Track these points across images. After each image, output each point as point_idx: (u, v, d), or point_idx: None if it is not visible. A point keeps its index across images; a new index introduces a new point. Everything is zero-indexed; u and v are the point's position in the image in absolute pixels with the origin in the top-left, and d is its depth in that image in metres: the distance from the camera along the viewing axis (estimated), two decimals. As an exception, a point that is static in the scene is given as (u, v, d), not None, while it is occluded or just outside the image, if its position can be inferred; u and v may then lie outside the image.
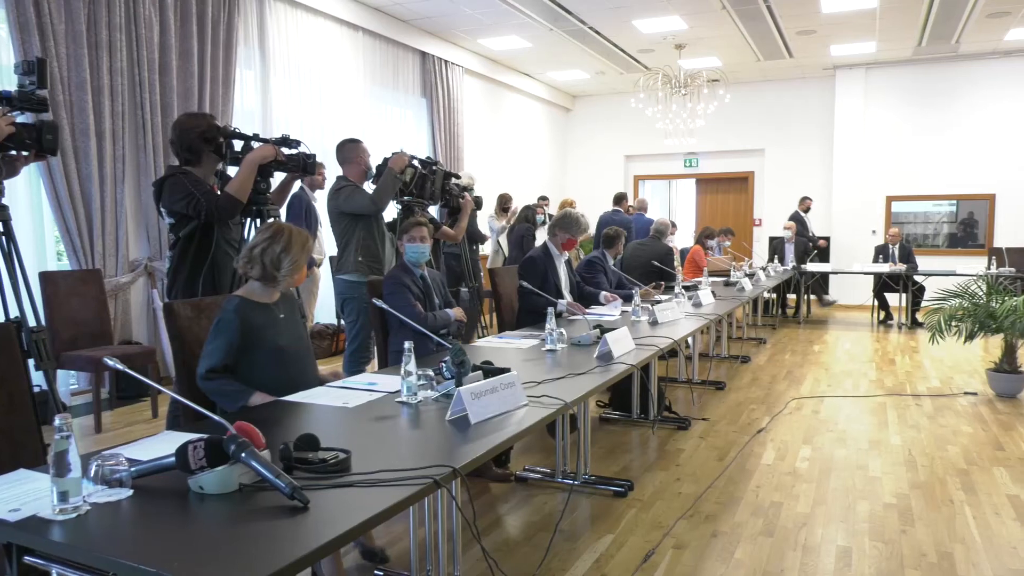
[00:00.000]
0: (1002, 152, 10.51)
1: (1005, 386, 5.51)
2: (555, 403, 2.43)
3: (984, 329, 5.54)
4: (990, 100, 10.54)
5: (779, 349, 7.65)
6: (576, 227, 4.77)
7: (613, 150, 13.00)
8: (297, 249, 2.59)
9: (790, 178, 11.94)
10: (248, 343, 2.48)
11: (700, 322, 4.71)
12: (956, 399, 5.45)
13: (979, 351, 7.12)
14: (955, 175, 10.78)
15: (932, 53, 10.33)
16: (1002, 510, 3.34)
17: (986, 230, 10.79)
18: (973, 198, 10.83)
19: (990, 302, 5.59)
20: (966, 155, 10.71)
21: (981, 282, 5.91)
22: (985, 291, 5.73)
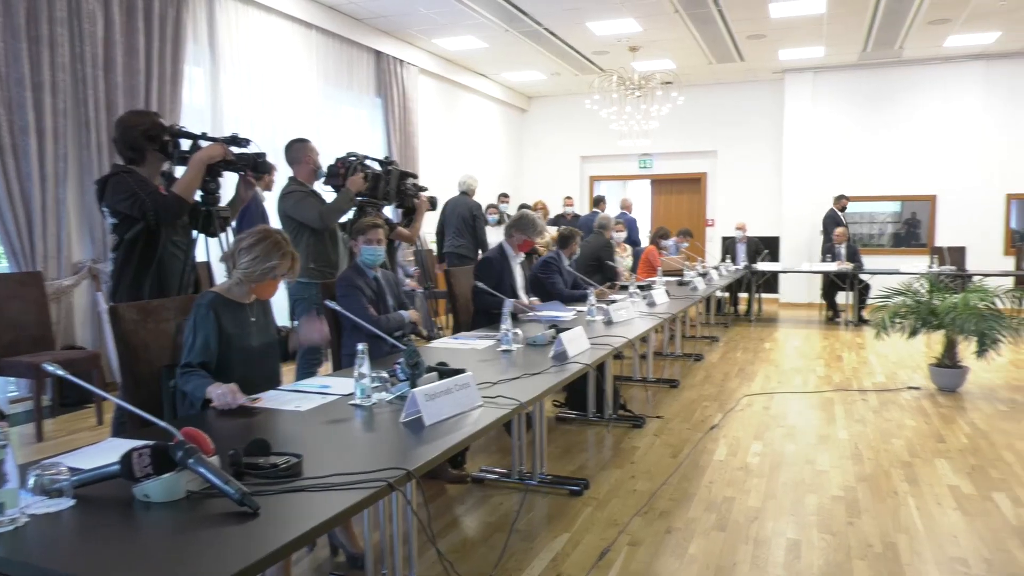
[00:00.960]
0: (943, 155, 10.86)
1: (946, 380, 5.69)
2: (510, 403, 2.43)
3: (926, 326, 5.72)
4: (932, 104, 10.88)
5: (731, 347, 7.79)
6: (532, 229, 4.78)
7: (569, 151, 13.07)
8: (276, 259, 2.55)
9: (742, 179, 12.16)
10: (219, 340, 2.45)
11: (654, 321, 4.77)
12: (900, 394, 5.61)
13: (922, 347, 7.35)
14: (899, 177, 11.11)
15: (877, 58, 10.62)
16: (943, 500, 3.45)
17: (928, 230, 11.13)
18: (916, 199, 11.17)
19: (932, 300, 5.77)
20: (909, 157, 11.04)
21: (923, 280, 6.10)
22: (927, 289, 5.92)
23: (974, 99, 10.63)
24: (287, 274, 2.62)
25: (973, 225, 10.67)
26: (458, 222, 7.88)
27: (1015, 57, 10.38)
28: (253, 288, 2.61)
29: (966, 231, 10.70)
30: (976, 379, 5.96)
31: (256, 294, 2.63)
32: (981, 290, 5.75)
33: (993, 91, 10.56)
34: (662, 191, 13.19)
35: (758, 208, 11.99)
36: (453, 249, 7.76)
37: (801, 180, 11.49)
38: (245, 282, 2.58)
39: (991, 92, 10.57)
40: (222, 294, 2.56)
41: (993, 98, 10.56)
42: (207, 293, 2.54)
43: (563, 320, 4.42)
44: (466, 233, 7.80)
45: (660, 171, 12.88)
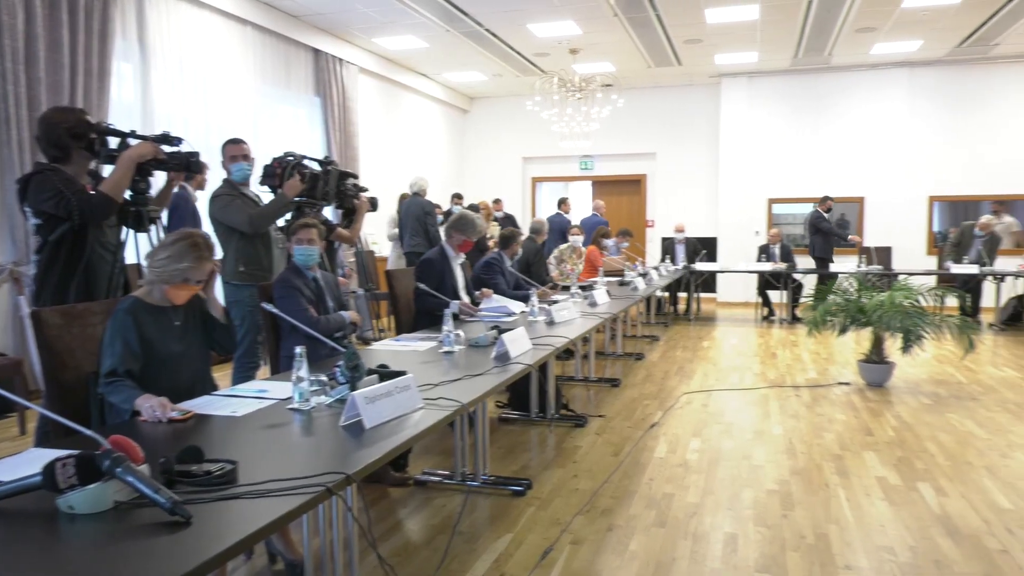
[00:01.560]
0: (871, 158, 11.28)
1: (874, 376, 5.91)
2: (452, 405, 2.43)
3: (855, 323, 5.93)
4: (860, 109, 11.29)
5: (671, 346, 7.93)
6: (472, 229, 4.79)
7: (511, 152, 13.12)
8: (189, 261, 2.47)
9: (681, 181, 12.40)
10: (141, 346, 2.38)
11: (595, 321, 4.82)
12: (831, 389, 5.81)
13: (851, 343, 7.61)
14: (830, 179, 11.46)
15: (808, 64, 10.96)
16: (871, 491, 3.58)
17: (857, 231, 11.55)
18: (846, 200, 11.56)
19: (860, 298, 5.99)
20: (839, 160, 11.42)
21: (852, 280, 6.33)
22: (856, 288, 6.14)
23: (899, 104, 11.07)
24: (207, 263, 2.52)
25: (899, 226, 11.11)
26: (413, 223, 8.12)
27: (936, 65, 10.85)
28: (165, 291, 2.49)
29: (892, 232, 11.13)
30: (902, 374, 6.21)
31: (169, 298, 2.51)
32: (906, 289, 5.99)
33: (917, 97, 11.02)
34: (603, 192, 13.33)
35: (696, 209, 12.24)
36: (411, 248, 7.97)
37: (737, 182, 11.78)
38: (157, 283, 2.48)
39: (915, 98, 11.02)
40: (142, 298, 2.48)
41: (917, 104, 11.02)
42: (127, 298, 2.46)
43: (505, 321, 4.43)
44: (421, 232, 8.01)
45: (601, 172, 13.03)
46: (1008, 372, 6.38)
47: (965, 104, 10.89)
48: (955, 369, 6.51)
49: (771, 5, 8.12)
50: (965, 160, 10.90)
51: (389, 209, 9.15)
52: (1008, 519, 3.23)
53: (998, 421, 4.84)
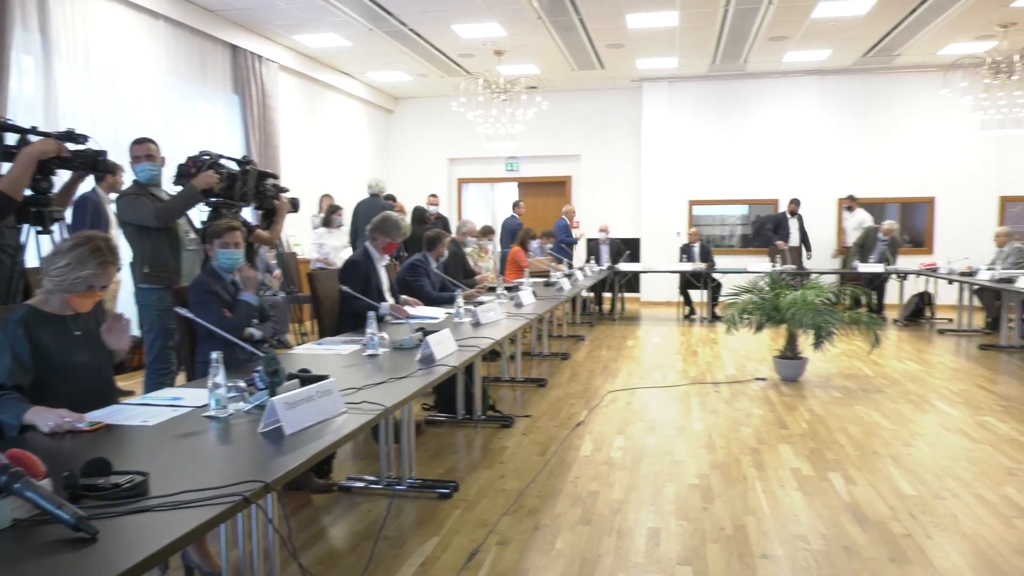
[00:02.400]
0: (783, 161, 11.72)
1: (789, 371, 6.15)
2: (375, 408, 2.40)
3: (771, 320, 6.15)
4: (773, 114, 11.72)
5: (596, 345, 8.05)
6: (396, 231, 4.76)
7: (436, 153, 13.06)
8: (91, 268, 2.34)
9: (604, 183, 12.60)
10: (37, 358, 2.25)
11: (521, 322, 4.85)
12: (749, 385, 6.01)
13: (767, 340, 7.89)
14: (746, 181, 11.88)
15: (725, 70, 11.32)
16: (786, 483, 3.72)
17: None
18: (761, 203, 12.00)
19: (775, 297, 6.22)
20: (755, 164, 11.83)
21: (768, 279, 6.56)
22: (771, 287, 6.37)
23: (811, 110, 11.55)
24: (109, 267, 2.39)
25: (810, 227, 11.57)
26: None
27: (844, 73, 11.36)
28: (67, 299, 2.37)
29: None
30: (814, 369, 6.47)
31: (72, 306, 2.39)
32: (817, 287, 6.26)
33: (827, 104, 11.52)
34: (529, 193, 13.42)
35: (620, 210, 12.46)
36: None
37: (659, 184, 12.06)
38: (56, 292, 2.36)
39: (824, 104, 11.52)
40: (37, 307, 2.35)
41: (826, 110, 11.52)
42: (19, 307, 2.33)
43: (430, 323, 4.41)
44: None
45: (527, 174, 13.11)
46: (910, 365, 6.74)
47: (871, 111, 11.44)
48: (862, 363, 6.83)
49: (689, 12, 8.34)
50: (872, 164, 11.46)
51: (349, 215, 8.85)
52: (911, 505, 3.41)
53: (902, 412, 5.11)
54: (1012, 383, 6.04)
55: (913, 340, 8.25)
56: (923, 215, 11.57)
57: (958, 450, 4.24)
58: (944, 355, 7.35)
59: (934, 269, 9.44)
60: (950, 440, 4.45)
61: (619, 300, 10.73)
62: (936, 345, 7.97)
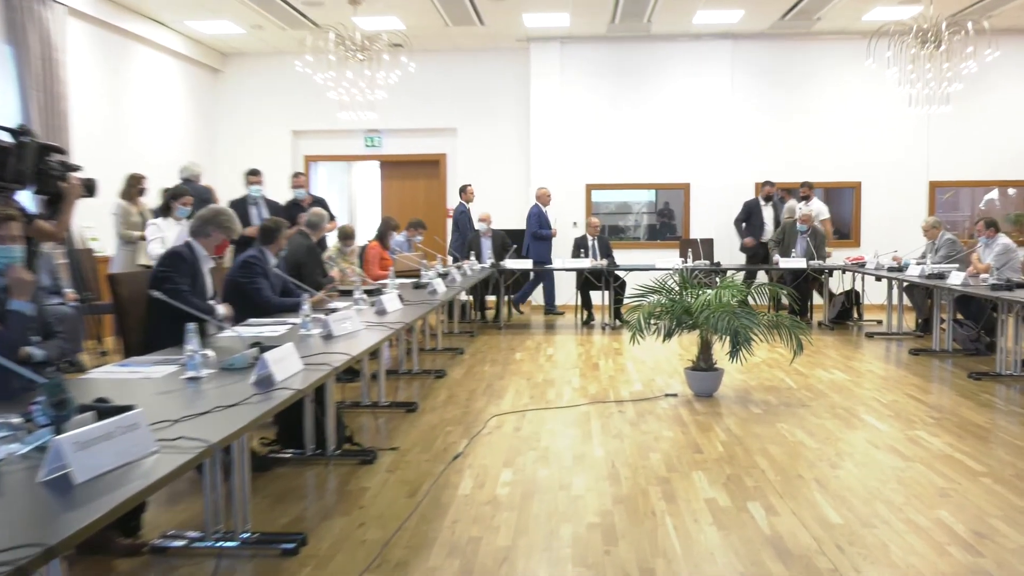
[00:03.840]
0: (695, 139, 12.23)
1: (702, 384, 6.40)
2: (197, 446, 2.33)
3: (681, 326, 6.39)
4: (682, 83, 12.21)
5: (478, 360, 8.10)
6: (232, 225, 4.66)
7: (277, 124, 12.75)
8: None
9: (486, 163, 12.69)
10: None
11: (385, 333, 4.81)
12: (657, 402, 6.21)
13: (678, 349, 8.19)
14: (652, 162, 12.31)
15: (626, 31, 11.68)
16: (700, 516, 3.87)
17: (682, 221, 12.47)
18: (670, 187, 12.46)
19: (685, 297, 6.46)
20: (662, 142, 12.28)
21: (676, 276, 6.80)
22: (681, 286, 6.61)
23: (722, 81, 12.11)
24: None
25: (725, 216, 12.08)
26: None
27: (760, 39, 12.00)
28: None
29: (717, 222, 12.08)
30: (731, 381, 6.77)
31: None
32: (733, 286, 6.55)
33: (740, 72, 12.12)
34: (394, 174, 13.37)
35: (505, 197, 12.57)
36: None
37: (551, 165, 12.29)
38: None
39: (738, 75, 12.11)
40: None
41: (740, 80, 12.11)
42: None
43: (269, 336, 4.30)
44: None
45: (391, 151, 13.05)
46: (837, 375, 7.18)
47: (790, 82, 12.14)
48: (785, 373, 7.21)
49: (584, -40, 8.55)
50: (792, 143, 12.15)
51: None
52: (838, 535, 3.63)
53: (828, 429, 5.43)
54: (944, 392, 6.55)
55: (840, 345, 8.79)
56: (849, 202, 12.36)
57: (888, 470, 4.55)
58: (873, 362, 7.87)
59: (861, 264, 10.08)
60: (880, 459, 4.76)
61: (505, 304, 10.85)
62: (864, 350, 8.53)
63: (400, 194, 13.29)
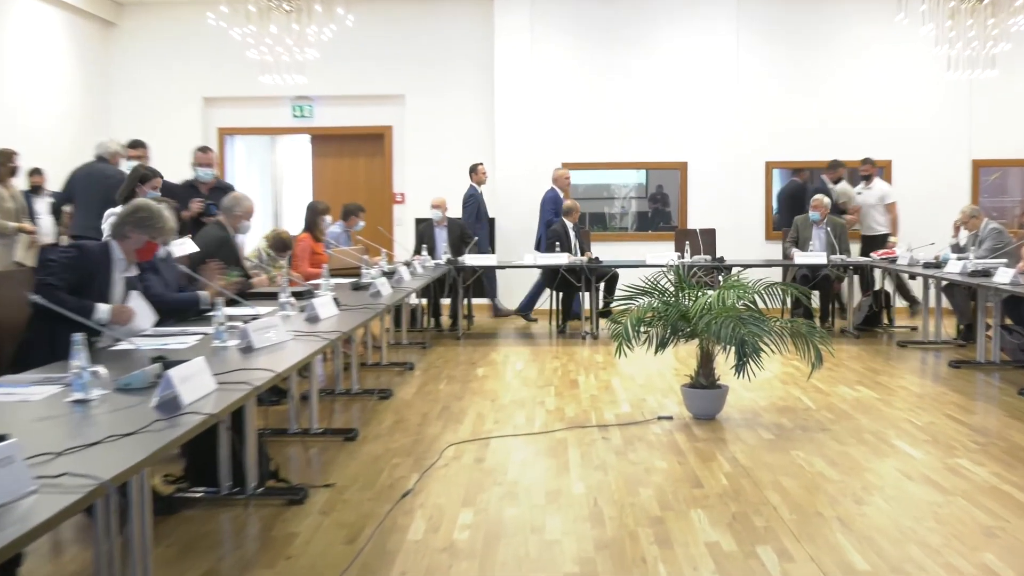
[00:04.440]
0: (694, 109, 12.32)
1: (702, 405, 6.44)
2: (85, 484, 2.30)
3: (677, 334, 6.42)
4: (679, 43, 12.30)
5: (432, 376, 8.09)
6: (161, 224, 4.70)
7: (185, 90, 12.65)
8: None
9: (440, 137, 12.68)
10: None
11: (317, 344, 4.78)
12: (649, 426, 6.24)
13: (673, 362, 8.24)
14: (642, 137, 12.38)
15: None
16: (700, 563, 3.90)
17: (678, 208, 12.54)
18: (663, 167, 12.53)
19: (682, 299, 6.50)
20: (654, 112, 12.36)
21: (671, 274, 6.83)
22: (675, 285, 6.64)
23: (727, 39, 12.22)
24: None
25: (728, 201, 12.17)
26: (88, 200, 7.71)
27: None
28: None
29: (719, 209, 12.19)
30: (737, 400, 6.82)
31: None
32: (739, 286, 6.59)
33: (747, 32, 12.24)
34: (328, 151, 13.30)
35: (464, 179, 12.54)
36: (83, 233, 7.29)
37: (519, 140, 12.33)
38: None
39: (745, 32, 12.23)
40: None
41: (748, 40, 12.23)
42: None
43: (174, 348, 4.26)
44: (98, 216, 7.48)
45: (324, 122, 12.98)
46: (863, 392, 7.25)
47: (805, 43, 12.29)
48: (801, 391, 7.27)
49: None
50: (808, 115, 12.28)
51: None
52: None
53: (852, 457, 5.49)
54: (991, 412, 6.65)
55: (866, 357, 8.88)
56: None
57: (924, 506, 4.61)
58: (906, 376, 7.97)
59: (892, 259, 10.18)
60: (914, 493, 4.82)
61: (464, 308, 10.83)
62: (896, 362, 8.64)
63: (336, 175, 13.22)
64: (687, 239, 10.60)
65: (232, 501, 4.69)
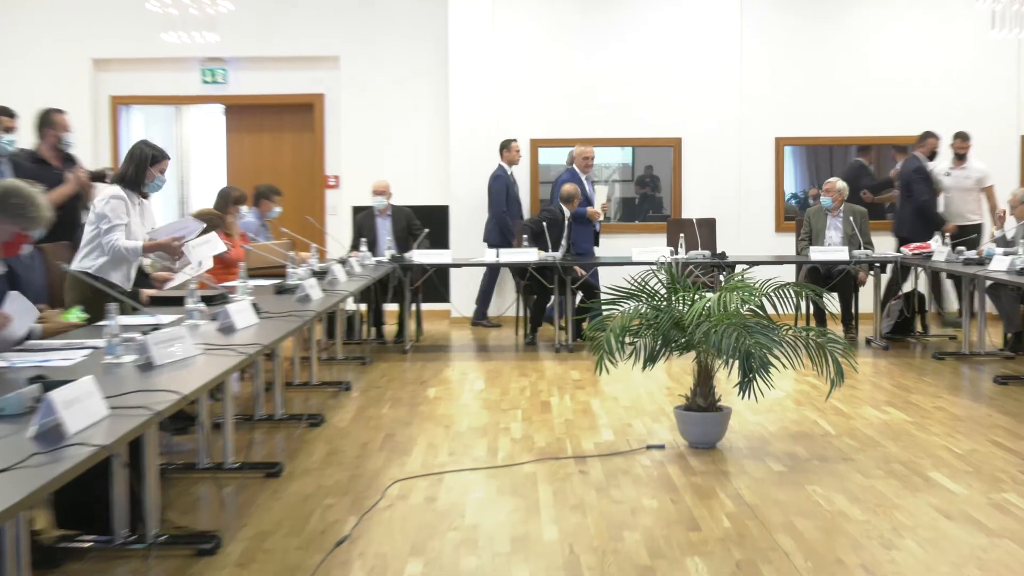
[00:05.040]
0: (691, 74, 12.37)
1: (700, 431, 6.45)
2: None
3: (670, 346, 6.42)
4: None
5: (373, 398, 8.06)
6: (31, 211, 4.68)
7: (70, 49, 12.52)
8: None
9: (383, 109, 12.66)
10: None
11: (233, 360, 4.75)
12: (636, 457, 6.25)
13: (666, 379, 8.25)
14: (628, 108, 12.39)
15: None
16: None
17: (671, 193, 12.55)
18: (653, 144, 12.53)
19: (675, 304, 6.50)
20: (642, 80, 12.40)
21: (662, 273, 6.83)
22: (667, 287, 6.65)
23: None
24: None
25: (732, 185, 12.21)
26: None
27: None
28: None
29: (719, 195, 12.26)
30: (742, 425, 6.86)
31: None
32: (744, 287, 6.61)
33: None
34: (246, 125, 13.22)
35: (412, 159, 12.55)
36: None
37: (479, 112, 12.32)
38: None
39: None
40: None
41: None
42: None
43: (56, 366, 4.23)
44: None
45: (241, 90, 12.91)
46: (893, 414, 7.31)
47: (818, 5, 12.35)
48: (819, 413, 7.31)
49: None
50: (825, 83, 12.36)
51: None
52: (894, 645, 3.70)
53: (879, 492, 5.52)
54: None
55: (897, 371, 8.96)
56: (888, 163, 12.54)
57: (965, 549, 4.63)
58: (944, 395, 8.03)
59: (928, 254, 10.23)
60: (953, 534, 4.85)
61: (412, 316, 10.81)
62: (932, 378, 8.71)
63: (255, 154, 13.13)
64: (681, 231, 10.65)
65: (128, 552, 4.64)
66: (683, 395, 6.66)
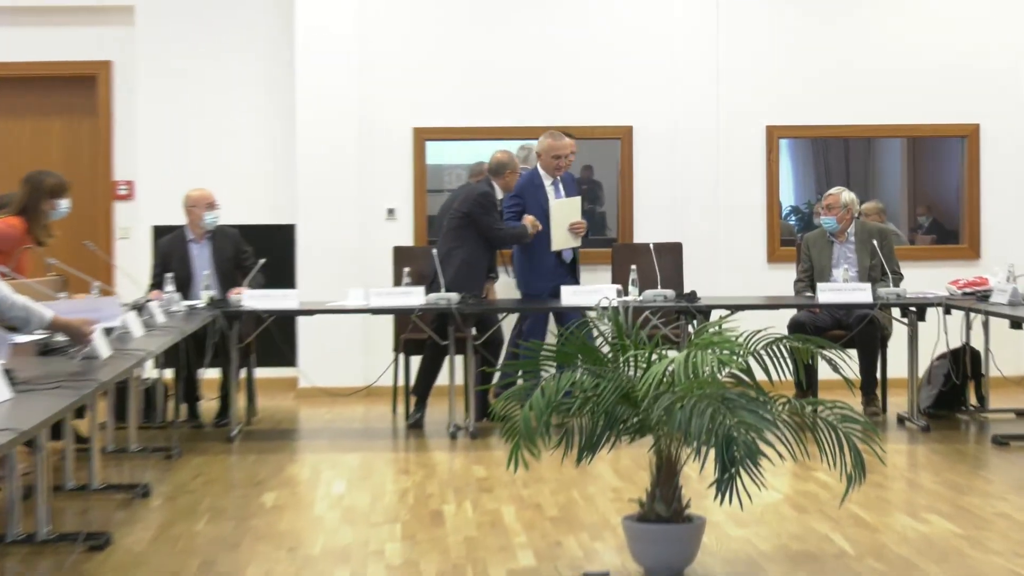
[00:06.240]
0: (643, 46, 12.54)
1: (660, 552, 6.41)
2: None
3: (615, 428, 6.40)
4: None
5: (183, 508, 7.98)
6: None
7: None
8: None
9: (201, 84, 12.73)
10: None
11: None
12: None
13: (610, 476, 8.26)
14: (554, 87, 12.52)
15: None
16: None
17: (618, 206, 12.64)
18: (592, 135, 12.60)
19: (623, 367, 6.49)
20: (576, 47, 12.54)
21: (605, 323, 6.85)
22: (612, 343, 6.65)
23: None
24: None
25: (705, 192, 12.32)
26: None
27: None
28: None
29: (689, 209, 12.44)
30: (721, 542, 6.87)
31: None
32: (722, 342, 6.62)
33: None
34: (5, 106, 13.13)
35: (242, 159, 12.51)
36: None
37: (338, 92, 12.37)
38: None
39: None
40: None
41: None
42: None
43: None
44: None
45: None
46: (937, 524, 7.33)
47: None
48: (831, 524, 7.33)
49: None
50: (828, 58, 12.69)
51: None
52: None
53: (918, 638, 5.57)
54: None
55: (943, 462, 9.03)
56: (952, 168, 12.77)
57: None
58: (1009, 495, 8.07)
59: (984, 293, 10.30)
60: None
61: (242, 387, 10.74)
62: (991, 472, 8.80)
63: (11, 147, 13.00)
64: (633, 261, 10.70)
65: None
66: (635, 500, 6.64)
